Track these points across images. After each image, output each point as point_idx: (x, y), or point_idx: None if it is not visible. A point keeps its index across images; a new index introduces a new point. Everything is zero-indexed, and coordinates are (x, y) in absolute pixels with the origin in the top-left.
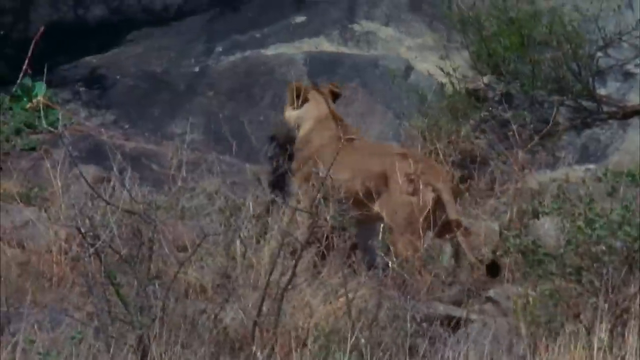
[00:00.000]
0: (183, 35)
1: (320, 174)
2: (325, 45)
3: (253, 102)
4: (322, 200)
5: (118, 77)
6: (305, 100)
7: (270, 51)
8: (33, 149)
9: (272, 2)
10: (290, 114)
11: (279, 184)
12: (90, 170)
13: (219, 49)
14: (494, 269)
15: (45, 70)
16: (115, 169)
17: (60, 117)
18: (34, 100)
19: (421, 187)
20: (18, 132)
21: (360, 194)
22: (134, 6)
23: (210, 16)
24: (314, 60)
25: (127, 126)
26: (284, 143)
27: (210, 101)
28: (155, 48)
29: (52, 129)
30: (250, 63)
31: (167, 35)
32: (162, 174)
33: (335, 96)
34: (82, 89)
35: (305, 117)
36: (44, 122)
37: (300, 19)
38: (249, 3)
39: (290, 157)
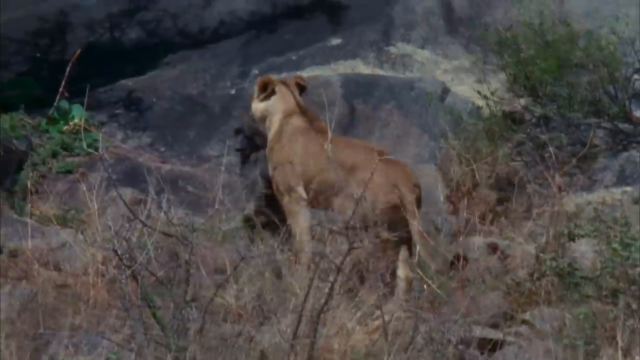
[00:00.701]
0: (219, 57)
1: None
2: (361, 67)
3: None
4: (358, 223)
5: (154, 99)
6: (272, 93)
7: (306, 73)
8: (69, 171)
9: (309, 25)
10: (257, 106)
11: (249, 175)
12: (127, 193)
13: (255, 71)
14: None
15: (82, 92)
16: (152, 191)
17: (99, 140)
18: (71, 123)
19: (387, 187)
20: (55, 154)
21: (334, 184)
22: (171, 29)
23: (246, 39)
24: (349, 82)
25: (163, 148)
26: (251, 135)
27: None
28: (191, 71)
29: (89, 152)
30: None
31: (203, 58)
32: (199, 196)
33: (301, 88)
34: (118, 111)
35: (272, 110)
36: (83, 144)
37: (336, 41)
38: (285, 25)
39: (257, 148)
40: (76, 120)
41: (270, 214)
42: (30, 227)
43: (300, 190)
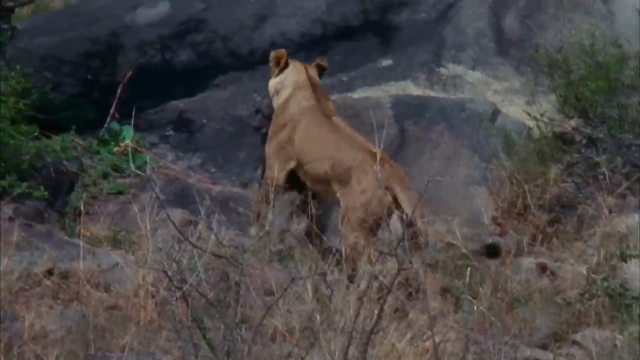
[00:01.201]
0: (269, 79)
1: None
2: (412, 88)
3: None
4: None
5: (205, 120)
6: (285, 67)
7: (357, 94)
8: (120, 192)
9: (359, 46)
10: (272, 81)
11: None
12: (177, 214)
13: None
14: (491, 251)
15: (132, 114)
16: (202, 212)
17: (148, 161)
18: (121, 144)
19: (381, 189)
20: (105, 175)
21: (327, 175)
22: (221, 50)
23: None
24: (400, 103)
25: (213, 169)
26: (269, 114)
27: None
28: (241, 92)
29: (139, 173)
30: (337, 106)
31: (253, 79)
32: (249, 217)
33: (321, 69)
34: (169, 132)
35: (284, 83)
36: (131, 165)
37: (387, 62)
38: (335, 47)
39: None
40: (127, 142)
41: (320, 233)
42: (81, 249)
43: (282, 176)
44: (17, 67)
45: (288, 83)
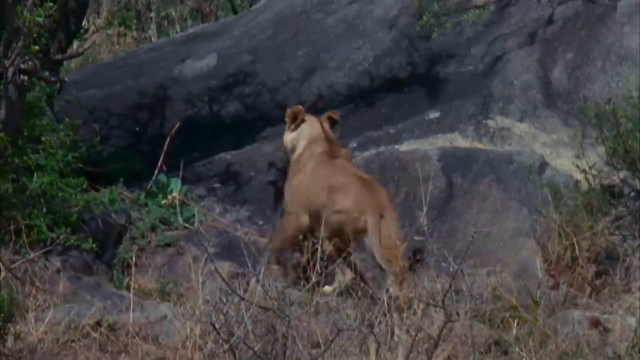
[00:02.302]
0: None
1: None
2: (459, 140)
3: None
4: (454, 294)
5: (252, 173)
6: (302, 122)
7: (404, 147)
8: (168, 245)
9: (407, 98)
10: (288, 137)
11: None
12: (225, 266)
13: (353, 144)
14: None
15: (180, 166)
16: (249, 264)
17: (196, 214)
18: (169, 197)
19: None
20: (153, 228)
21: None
22: (268, 103)
23: (344, 112)
24: (447, 155)
25: (261, 222)
26: (284, 167)
27: None
28: None
29: (187, 225)
30: (385, 159)
31: None
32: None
33: (332, 122)
34: (216, 185)
35: (299, 138)
36: (179, 218)
37: (434, 114)
38: (383, 99)
39: None
40: (174, 194)
41: (368, 285)
42: (130, 301)
43: (304, 217)
44: (66, 119)
45: (303, 137)
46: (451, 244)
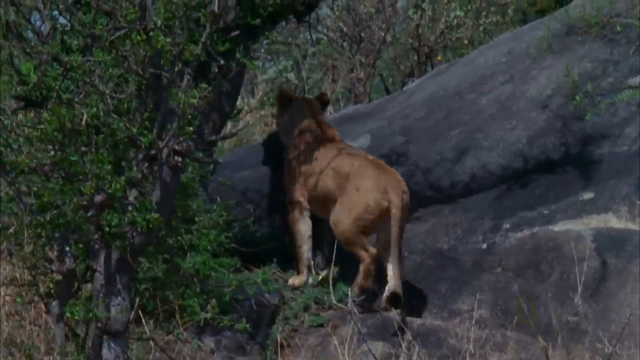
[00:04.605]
0: (470, 212)
1: None
2: (613, 221)
3: (541, 279)
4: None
5: (406, 253)
6: (289, 105)
7: (558, 227)
8: (321, 325)
9: (560, 179)
10: (279, 121)
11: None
12: (378, 347)
13: (507, 225)
14: (394, 300)
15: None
16: (403, 346)
17: (349, 293)
18: (322, 276)
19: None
20: (306, 308)
21: (331, 189)
22: (422, 184)
23: (497, 193)
24: (601, 236)
25: (414, 302)
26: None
27: (497, 278)
28: (442, 225)
29: (340, 305)
30: (538, 239)
31: (454, 212)
32: (452, 351)
33: (323, 102)
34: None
35: (291, 122)
36: (332, 298)
37: (588, 195)
38: (536, 180)
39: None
40: (326, 273)
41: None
42: None
43: (304, 202)
44: (219, 199)
45: (294, 123)
46: (605, 324)
